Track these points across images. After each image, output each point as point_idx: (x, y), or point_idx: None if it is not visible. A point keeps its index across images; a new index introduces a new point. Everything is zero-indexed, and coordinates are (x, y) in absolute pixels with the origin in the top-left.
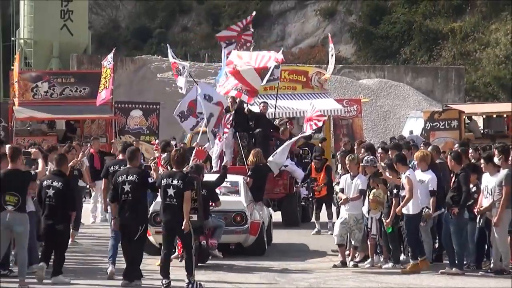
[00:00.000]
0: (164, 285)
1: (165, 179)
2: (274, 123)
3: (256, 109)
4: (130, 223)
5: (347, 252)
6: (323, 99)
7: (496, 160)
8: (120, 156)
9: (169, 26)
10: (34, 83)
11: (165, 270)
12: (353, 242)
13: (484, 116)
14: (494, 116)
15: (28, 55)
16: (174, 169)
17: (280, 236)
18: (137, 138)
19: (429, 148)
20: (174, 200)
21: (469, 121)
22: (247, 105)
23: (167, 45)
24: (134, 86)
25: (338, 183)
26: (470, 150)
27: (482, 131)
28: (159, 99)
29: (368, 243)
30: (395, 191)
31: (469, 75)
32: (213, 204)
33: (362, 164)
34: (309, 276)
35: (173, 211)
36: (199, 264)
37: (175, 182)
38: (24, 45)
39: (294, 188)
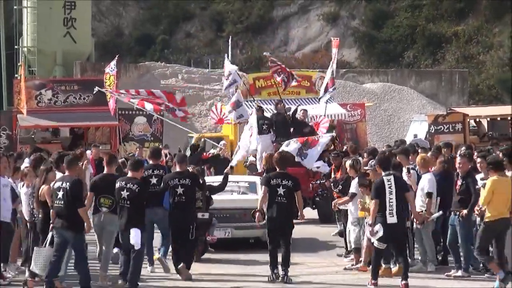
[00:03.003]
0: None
1: (274, 179)
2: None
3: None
4: (183, 224)
5: (352, 256)
6: (327, 104)
7: None
8: (151, 161)
9: (172, 33)
10: (37, 91)
11: (274, 264)
12: (352, 245)
13: (489, 119)
14: (499, 118)
15: (32, 63)
16: (280, 171)
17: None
18: (141, 145)
19: (429, 153)
20: (284, 199)
21: (475, 125)
22: (293, 113)
23: (226, 54)
24: None
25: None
26: (475, 153)
27: (486, 134)
28: None
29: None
30: None
31: (473, 78)
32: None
33: (365, 168)
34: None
35: (282, 209)
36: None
37: (284, 182)
38: (27, 53)
39: (311, 185)
